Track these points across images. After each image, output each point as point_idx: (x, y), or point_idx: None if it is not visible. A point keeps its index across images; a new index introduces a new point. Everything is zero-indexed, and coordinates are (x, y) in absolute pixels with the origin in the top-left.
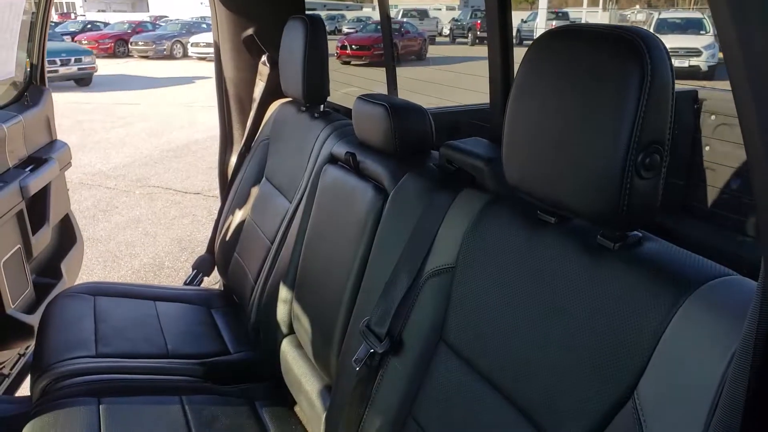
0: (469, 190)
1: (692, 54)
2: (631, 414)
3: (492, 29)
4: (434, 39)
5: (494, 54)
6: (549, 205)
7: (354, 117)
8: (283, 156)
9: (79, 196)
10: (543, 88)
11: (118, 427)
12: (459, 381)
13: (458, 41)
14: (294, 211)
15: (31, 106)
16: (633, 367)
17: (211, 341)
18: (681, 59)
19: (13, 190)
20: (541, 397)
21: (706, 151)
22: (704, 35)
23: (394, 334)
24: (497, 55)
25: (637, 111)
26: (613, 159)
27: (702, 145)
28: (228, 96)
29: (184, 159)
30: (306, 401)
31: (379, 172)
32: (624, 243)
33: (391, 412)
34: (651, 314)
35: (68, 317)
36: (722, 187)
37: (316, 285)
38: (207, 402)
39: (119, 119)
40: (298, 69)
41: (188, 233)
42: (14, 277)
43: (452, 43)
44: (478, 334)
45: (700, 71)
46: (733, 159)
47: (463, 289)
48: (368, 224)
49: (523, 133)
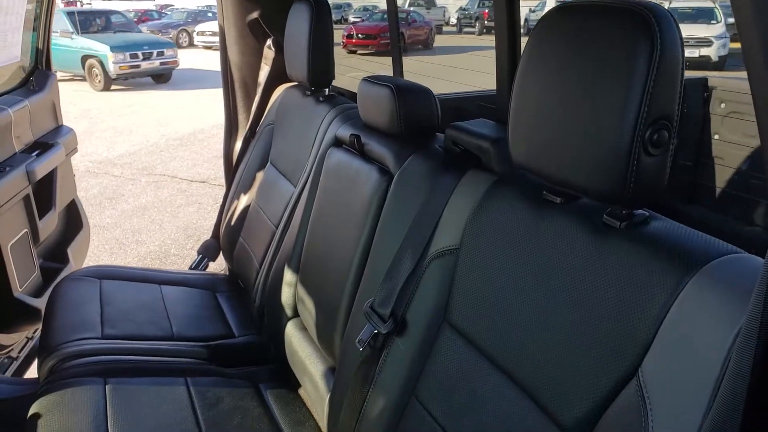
0: (474, 172)
1: (703, 44)
2: (635, 391)
3: (499, 10)
4: (441, 28)
5: (501, 31)
6: (555, 184)
7: (359, 99)
8: (288, 140)
9: (86, 184)
10: (550, 64)
11: (124, 406)
12: (462, 361)
13: (465, 31)
14: (298, 196)
15: (36, 91)
16: (638, 345)
17: (216, 324)
18: (691, 49)
19: (20, 175)
20: (545, 376)
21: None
22: (715, 25)
23: (397, 314)
24: (504, 33)
25: (645, 85)
26: (620, 135)
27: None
28: (233, 80)
29: (190, 147)
30: (310, 383)
31: (383, 154)
32: (630, 222)
33: (394, 392)
34: (656, 292)
35: (74, 299)
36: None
37: (320, 268)
38: (211, 384)
39: (126, 108)
40: (303, 52)
41: (194, 221)
42: (21, 261)
43: (459, 33)
44: (481, 314)
45: (710, 61)
46: (744, 148)
47: (467, 270)
48: (372, 206)
49: (529, 111)
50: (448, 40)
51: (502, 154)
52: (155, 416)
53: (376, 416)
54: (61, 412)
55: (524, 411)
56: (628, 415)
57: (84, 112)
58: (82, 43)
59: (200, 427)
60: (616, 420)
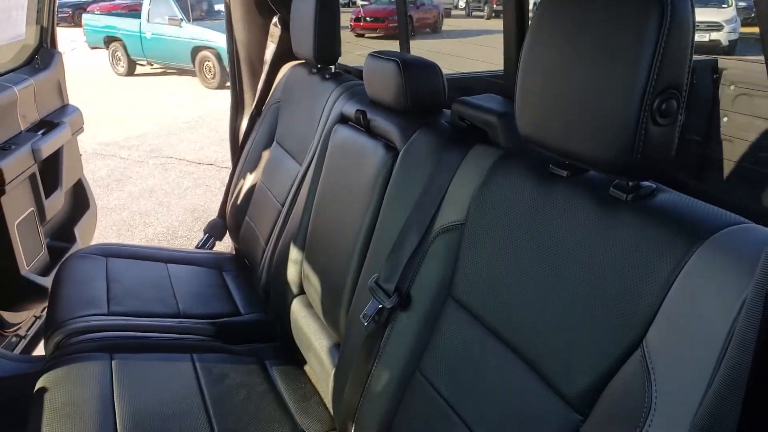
0: (480, 146)
1: (713, 28)
2: (639, 362)
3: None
4: (450, 12)
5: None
6: (561, 156)
7: (365, 74)
8: (294, 119)
9: (93, 166)
10: (558, 33)
11: (130, 381)
12: (467, 335)
13: (474, 14)
14: (304, 174)
15: (42, 70)
16: (642, 317)
17: (222, 302)
18: (701, 33)
19: (26, 153)
20: (550, 350)
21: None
22: (726, 9)
23: (402, 289)
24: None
25: (654, 53)
26: (628, 104)
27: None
28: (239, 59)
29: (197, 131)
30: (315, 359)
31: (389, 130)
32: (637, 194)
33: (398, 366)
34: (662, 263)
35: (81, 277)
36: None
37: (326, 244)
38: (217, 360)
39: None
40: (310, 29)
41: (201, 203)
42: (28, 240)
43: (468, 17)
44: (486, 289)
45: (719, 45)
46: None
47: (472, 245)
48: (378, 182)
49: (536, 82)
50: (456, 24)
51: (509, 128)
52: (161, 391)
53: (380, 390)
54: (67, 386)
55: (528, 384)
56: (632, 386)
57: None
58: (192, 32)
59: (205, 402)
60: (619, 391)
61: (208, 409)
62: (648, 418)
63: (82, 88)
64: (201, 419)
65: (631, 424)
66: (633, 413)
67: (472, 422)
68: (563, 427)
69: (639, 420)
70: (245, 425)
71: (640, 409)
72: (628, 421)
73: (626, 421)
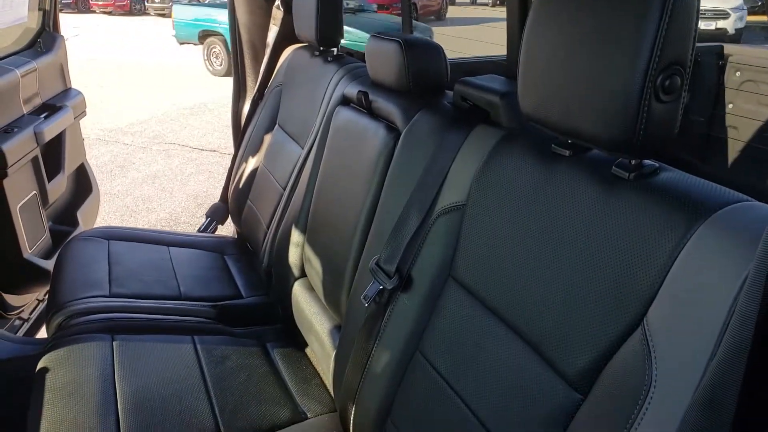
0: (482, 127)
1: (719, 16)
2: (639, 340)
3: None
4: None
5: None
6: (563, 134)
7: (367, 55)
8: (296, 102)
9: (96, 152)
10: (560, 9)
11: (131, 362)
12: (467, 316)
13: (479, 2)
14: (306, 156)
15: (44, 53)
16: (643, 295)
17: (224, 285)
18: (707, 21)
19: (28, 136)
20: (550, 329)
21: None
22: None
23: (403, 270)
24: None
25: (658, 29)
26: (630, 80)
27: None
28: (241, 42)
29: (200, 117)
30: (316, 341)
31: (391, 111)
32: (639, 173)
33: (398, 347)
34: (664, 241)
35: (83, 259)
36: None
37: (327, 227)
38: (218, 342)
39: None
40: (312, 11)
41: (204, 189)
42: (31, 223)
43: (473, 4)
44: (487, 269)
45: (726, 34)
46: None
47: (473, 226)
48: (380, 164)
49: (539, 58)
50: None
51: (511, 108)
52: (162, 372)
53: (380, 371)
54: (68, 366)
55: (528, 363)
56: (632, 364)
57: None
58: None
59: (206, 383)
60: (619, 369)
61: (208, 389)
62: (648, 395)
63: None
64: (201, 399)
65: (631, 401)
66: (633, 391)
67: (472, 402)
68: (563, 406)
69: (639, 397)
70: (246, 406)
71: (641, 387)
72: (628, 399)
73: (626, 399)
